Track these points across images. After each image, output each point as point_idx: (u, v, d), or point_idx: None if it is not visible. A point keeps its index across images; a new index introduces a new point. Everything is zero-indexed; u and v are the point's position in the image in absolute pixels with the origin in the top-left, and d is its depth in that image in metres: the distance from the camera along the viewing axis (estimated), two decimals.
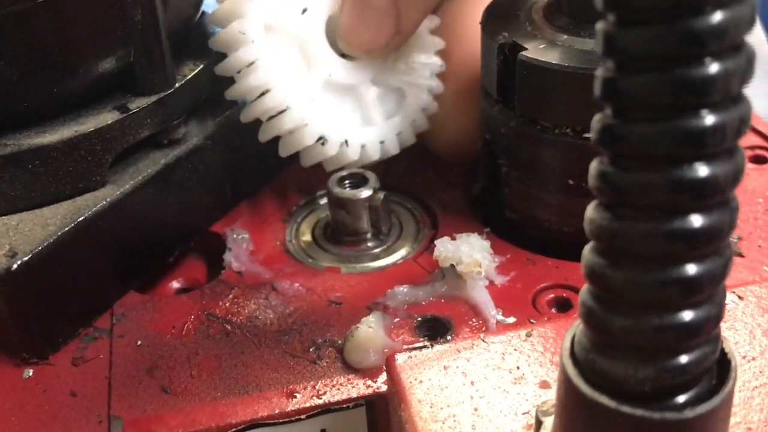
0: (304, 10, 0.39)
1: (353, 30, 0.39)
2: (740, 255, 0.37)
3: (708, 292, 0.21)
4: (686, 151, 0.20)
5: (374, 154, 0.41)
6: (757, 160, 0.44)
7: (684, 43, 0.19)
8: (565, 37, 0.36)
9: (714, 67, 0.19)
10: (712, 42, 0.19)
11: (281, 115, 0.38)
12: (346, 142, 0.40)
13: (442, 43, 0.42)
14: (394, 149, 0.42)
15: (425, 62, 0.41)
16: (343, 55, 0.40)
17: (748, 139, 0.45)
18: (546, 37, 0.36)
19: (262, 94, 0.38)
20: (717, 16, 0.19)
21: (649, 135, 0.20)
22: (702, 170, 0.20)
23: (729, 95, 0.20)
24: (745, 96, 0.20)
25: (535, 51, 0.35)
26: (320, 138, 0.39)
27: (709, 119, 0.19)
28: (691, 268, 0.21)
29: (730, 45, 0.19)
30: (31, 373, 0.35)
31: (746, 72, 0.20)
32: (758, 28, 0.54)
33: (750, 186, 0.42)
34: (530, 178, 0.38)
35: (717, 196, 0.20)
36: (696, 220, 0.20)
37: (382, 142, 0.41)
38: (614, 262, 0.21)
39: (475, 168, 0.44)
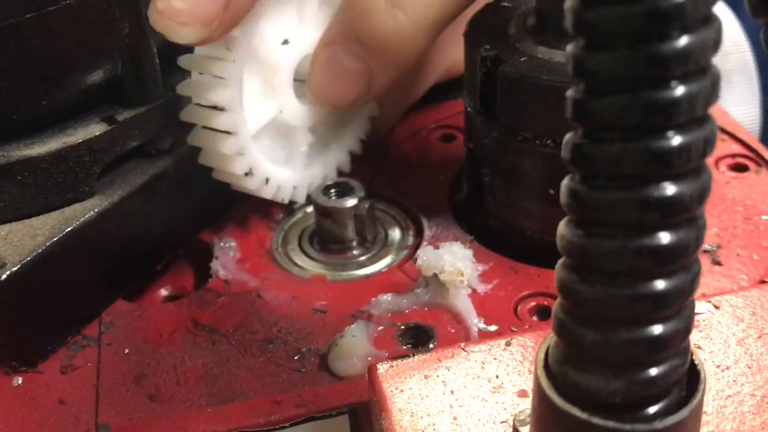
0: (285, 41, 0.39)
1: (324, 87, 0.39)
2: (718, 263, 0.38)
3: (676, 307, 0.22)
4: (653, 170, 0.20)
5: (285, 197, 0.41)
6: (738, 168, 0.44)
7: (650, 67, 0.19)
8: (546, 50, 0.36)
9: (679, 90, 0.20)
10: (677, 66, 0.19)
11: (225, 136, 0.38)
12: (267, 180, 0.40)
13: (376, 109, 0.43)
14: (301, 198, 0.42)
15: (359, 125, 0.43)
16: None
17: (729, 147, 0.46)
18: (527, 50, 0.37)
19: (218, 109, 0.37)
20: (682, 41, 0.19)
21: (618, 155, 0.20)
22: (669, 189, 0.20)
23: (694, 117, 0.20)
24: (710, 117, 0.21)
25: (517, 64, 0.36)
26: (249, 171, 0.39)
27: (675, 140, 0.20)
28: (660, 284, 0.21)
29: (695, 68, 0.20)
30: (20, 381, 0.35)
31: (711, 94, 0.20)
32: (741, 36, 0.55)
33: (730, 194, 0.42)
34: (512, 187, 0.39)
35: (684, 213, 0.21)
36: (664, 237, 0.21)
37: (294, 188, 0.42)
38: (585, 278, 0.22)
39: (460, 177, 0.45)
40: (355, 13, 0.37)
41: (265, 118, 0.39)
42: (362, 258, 0.41)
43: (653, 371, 0.22)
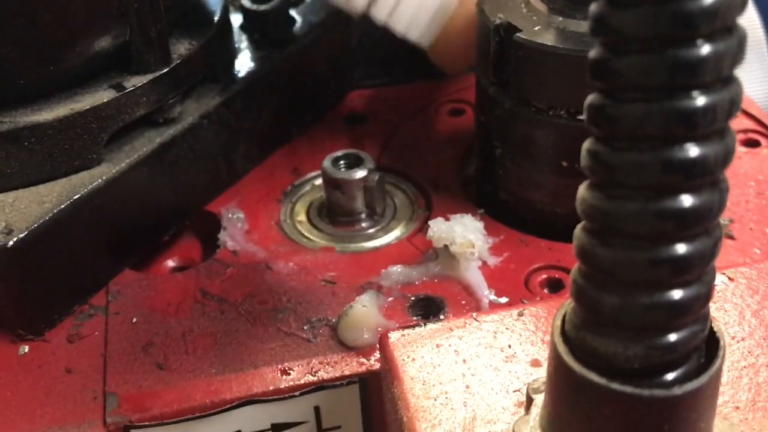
0: None
1: None
2: (731, 237, 0.38)
3: (697, 272, 0.22)
4: (677, 131, 0.20)
5: None
6: (750, 143, 0.44)
7: (676, 25, 0.19)
8: (561, 19, 0.36)
9: (705, 49, 0.19)
10: (703, 24, 0.19)
11: None
12: None
13: None
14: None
15: None
16: None
17: (741, 123, 0.45)
18: (541, 19, 0.36)
19: None
20: None
21: (641, 115, 0.20)
22: (692, 151, 0.20)
23: (720, 77, 0.20)
24: (736, 78, 0.21)
25: (530, 33, 0.35)
26: None
27: (700, 100, 0.20)
28: (681, 248, 0.21)
29: (722, 27, 0.19)
30: (26, 350, 0.35)
31: (737, 54, 0.20)
32: (753, 13, 0.54)
33: (742, 169, 0.42)
34: (524, 159, 0.38)
35: (707, 176, 0.21)
36: (686, 200, 0.20)
37: None
38: (605, 242, 0.21)
39: (469, 151, 0.44)
40: None
41: None
42: (371, 230, 0.40)
43: (673, 337, 0.22)
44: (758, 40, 0.52)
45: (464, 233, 0.36)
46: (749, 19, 0.52)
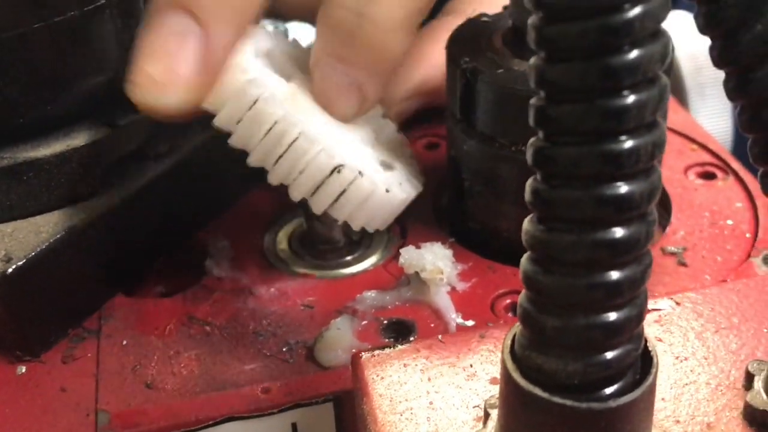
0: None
1: (326, 102, 0.37)
2: (684, 264, 0.40)
3: (629, 296, 0.24)
4: (607, 171, 0.22)
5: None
6: (706, 176, 0.47)
7: (603, 78, 0.22)
8: (521, 62, 0.39)
9: (630, 99, 0.22)
10: (627, 76, 0.22)
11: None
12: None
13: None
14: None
15: None
16: None
17: (699, 156, 0.48)
18: (504, 63, 0.39)
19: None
20: (632, 54, 0.22)
21: (574, 157, 0.23)
22: (621, 188, 0.23)
23: (643, 122, 0.22)
24: (660, 122, 0.23)
25: (493, 76, 0.38)
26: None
27: (626, 144, 0.22)
28: (614, 274, 0.23)
29: (644, 78, 0.22)
30: (24, 370, 0.37)
31: (659, 102, 0.23)
32: None
33: (697, 200, 0.44)
34: (490, 191, 0.41)
35: (634, 210, 0.23)
36: (617, 232, 0.23)
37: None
38: (546, 269, 0.24)
39: (443, 182, 0.47)
40: (328, 32, 0.37)
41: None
42: (349, 258, 0.43)
43: (608, 355, 0.24)
44: (719, 76, 0.55)
45: (434, 260, 0.39)
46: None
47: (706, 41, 0.28)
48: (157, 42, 0.34)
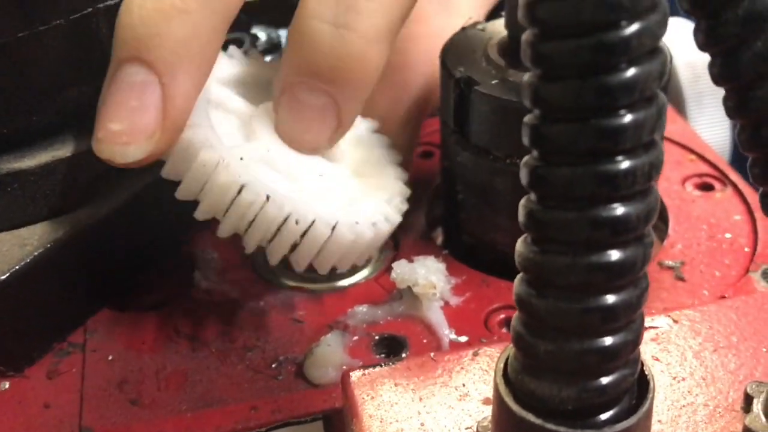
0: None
1: (295, 132, 0.37)
2: (682, 279, 0.40)
3: (625, 320, 0.23)
4: (602, 192, 0.22)
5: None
6: (704, 187, 0.46)
7: (598, 97, 0.21)
8: (517, 73, 0.38)
9: (626, 118, 0.21)
10: (624, 96, 0.21)
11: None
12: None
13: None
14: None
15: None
16: None
17: (697, 167, 0.47)
18: (499, 72, 0.38)
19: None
20: (629, 73, 0.21)
21: (569, 178, 0.22)
22: (618, 210, 0.22)
23: (640, 143, 0.22)
24: (657, 143, 0.23)
25: (489, 86, 0.37)
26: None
27: (622, 164, 0.22)
28: (610, 298, 0.23)
29: (641, 97, 0.21)
30: (7, 386, 0.36)
31: (657, 121, 0.22)
32: None
33: (695, 213, 0.44)
34: (484, 204, 0.40)
35: (631, 232, 0.22)
36: (613, 255, 0.22)
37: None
38: (540, 292, 0.23)
39: (436, 193, 0.46)
40: (304, 48, 0.35)
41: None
42: (340, 271, 0.42)
43: (604, 380, 0.24)
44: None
45: (426, 274, 0.38)
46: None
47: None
48: (117, 96, 0.34)
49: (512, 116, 0.37)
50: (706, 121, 0.54)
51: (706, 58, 0.26)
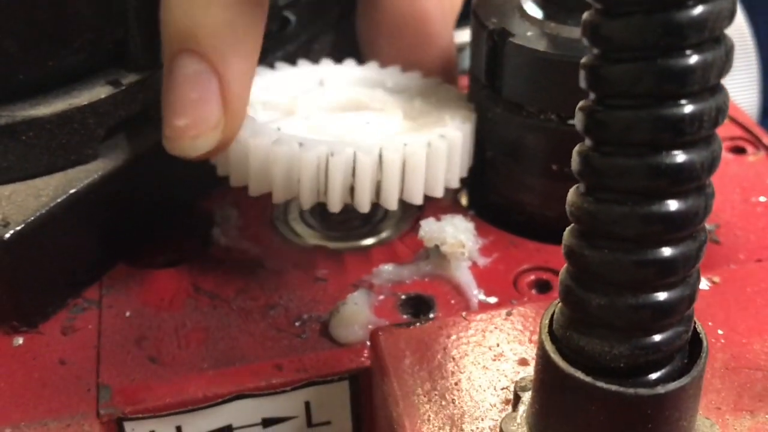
0: None
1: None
2: (717, 242, 0.39)
3: (682, 274, 0.22)
4: (665, 138, 0.21)
5: None
6: (737, 150, 0.45)
7: (665, 35, 0.20)
8: (553, 25, 0.37)
9: (693, 58, 0.20)
10: (692, 34, 0.20)
11: None
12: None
13: None
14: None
15: None
16: None
17: (729, 130, 0.46)
18: (534, 24, 0.37)
19: None
20: (698, 9, 0.20)
21: (629, 122, 0.21)
22: (679, 157, 0.21)
23: (707, 86, 0.21)
24: (723, 87, 0.21)
25: (523, 38, 0.36)
26: None
27: (687, 108, 0.20)
28: (666, 251, 0.22)
29: (710, 37, 0.20)
30: (21, 341, 0.35)
31: (725, 64, 0.21)
32: (742, 21, 0.55)
33: (728, 176, 0.43)
34: (514, 162, 0.39)
35: (693, 182, 0.21)
36: (672, 205, 0.21)
37: None
38: (593, 244, 0.22)
39: None
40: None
41: None
42: (363, 229, 0.41)
43: (657, 337, 0.23)
44: (746, 48, 0.53)
45: (455, 233, 0.37)
46: (738, 27, 0.52)
47: None
48: (176, 91, 0.34)
49: (548, 69, 0.36)
50: (735, 85, 0.53)
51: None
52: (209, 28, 0.33)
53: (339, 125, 0.38)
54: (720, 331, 0.31)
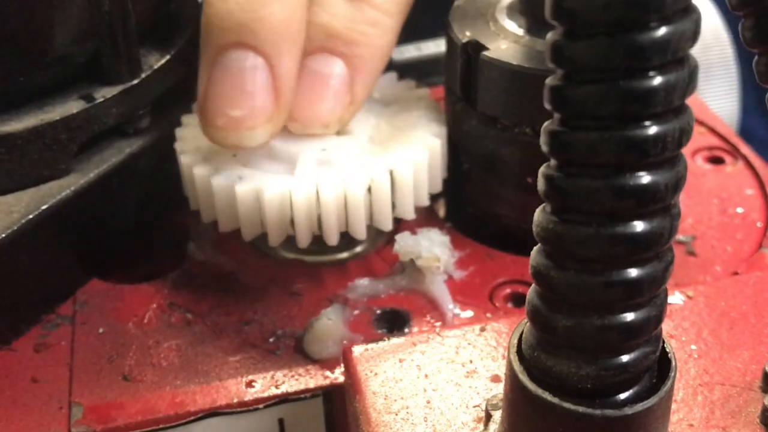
0: None
1: (304, 104, 0.36)
2: (693, 254, 0.38)
3: (649, 295, 0.22)
4: (629, 159, 0.20)
5: None
6: (715, 160, 0.45)
7: (628, 57, 0.20)
8: (527, 38, 0.36)
9: (657, 80, 0.20)
10: (655, 56, 0.20)
11: None
12: None
13: None
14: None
15: None
16: None
17: (707, 140, 0.46)
18: (508, 37, 0.37)
19: None
20: (660, 31, 0.20)
21: (594, 143, 0.21)
22: (644, 178, 0.21)
23: (671, 107, 0.20)
24: (687, 107, 0.21)
25: (497, 51, 0.36)
26: None
27: (651, 129, 0.20)
28: (633, 272, 0.21)
29: (673, 59, 0.20)
30: None
31: (688, 85, 0.21)
32: (721, 29, 0.55)
33: (706, 186, 0.43)
34: (490, 175, 0.39)
35: (658, 203, 0.21)
36: (638, 226, 0.21)
37: None
38: (559, 264, 0.22)
39: None
40: (320, 16, 0.36)
41: None
42: (340, 242, 0.41)
43: (625, 358, 0.22)
44: (726, 56, 0.53)
45: (430, 247, 0.37)
46: (717, 35, 0.52)
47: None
48: (230, 82, 0.34)
49: (522, 83, 0.35)
50: (714, 92, 0.53)
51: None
52: (269, 24, 0.33)
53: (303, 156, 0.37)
54: (693, 347, 0.31)
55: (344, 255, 0.40)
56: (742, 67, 0.54)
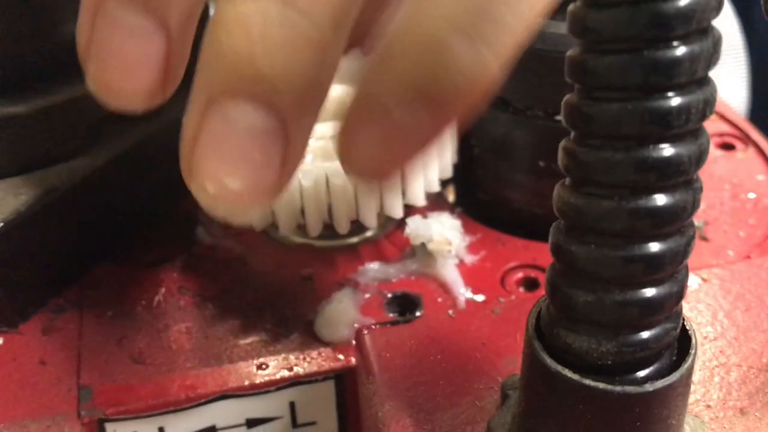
0: None
1: (376, 159, 0.25)
2: (705, 239, 0.38)
3: (670, 270, 0.22)
4: (652, 131, 0.20)
5: None
6: (725, 146, 0.45)
7: (652, 26, 0.19)
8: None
9: (681, 50, 0.20)
10: (679, 25, 0.19)
11: None
12: None
13: None
14: None
15: None
16: None
17: (717, 127, 0.46)
18: None
19: None
20: (685, 0, 0.19)
21: (616, 115, 0.20)
22: (667, 150, 0.20)
23: (694, 78, 0.20)
24: (711, 79, 0.21)
25: None
26: None
27: (674, 101, 0.20)
28: (654, 246, 0.21)
29: (697, 28, 0.20)
30: (1, 342, 0.35)
31: (712, 56, 0.20)
32: (732, 17, 0.55)
33: (717, 172, 0.42)
34: (501, 159, 0.38)
35: (681, 176, 0.21)
36: (659, 199, 0.21)
37: None
38: (579, 239, 0.22)
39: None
40: (415, 60, 0.23)
41: None
42: (349, 227, 0.40)
43: (645, 334, 0.22)
44: (736, 44, 0.53)
45: (441, 231, 0.36)
46: (727, 23, 0.52)
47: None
48: (232, 141, 0.25)
49: (534, 65, 0.35)
50: (725, 81, 0.53)
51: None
52: (299, 82, 0.24)
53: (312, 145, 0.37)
54: (709, 329, 0.30)
55: (354, 240, 0.40)
56: (751, 55, 0.54)
